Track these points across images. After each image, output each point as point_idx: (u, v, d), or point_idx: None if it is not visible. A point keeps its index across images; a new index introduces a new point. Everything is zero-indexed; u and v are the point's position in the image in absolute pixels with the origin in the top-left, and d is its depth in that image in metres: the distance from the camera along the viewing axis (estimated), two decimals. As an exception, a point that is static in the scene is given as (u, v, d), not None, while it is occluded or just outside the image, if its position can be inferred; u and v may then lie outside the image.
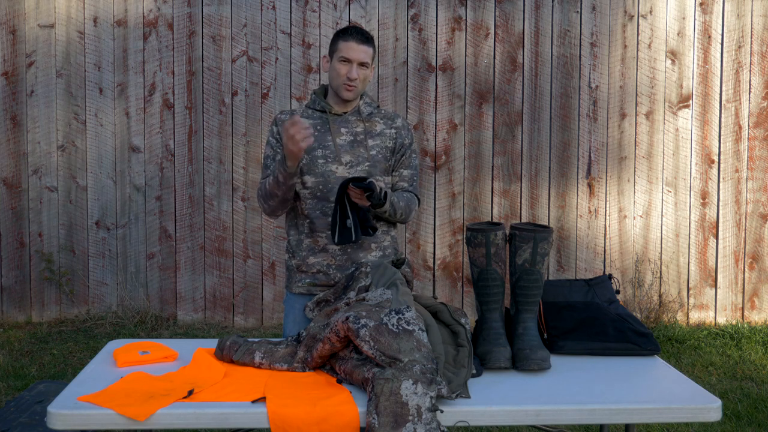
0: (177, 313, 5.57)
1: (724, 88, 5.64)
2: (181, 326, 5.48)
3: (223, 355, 2.38)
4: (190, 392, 2.08)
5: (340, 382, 2.19)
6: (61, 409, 2.00)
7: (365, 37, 2.70)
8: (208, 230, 5.55)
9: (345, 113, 2.76)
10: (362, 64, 2.69)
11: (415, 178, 2.84)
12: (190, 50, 5.51)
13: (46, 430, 2.67)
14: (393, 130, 2.79)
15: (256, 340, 2.43)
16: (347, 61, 2.68)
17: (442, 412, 1.99)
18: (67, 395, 2.09)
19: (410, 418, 1.92)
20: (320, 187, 2.71)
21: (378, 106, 2.83)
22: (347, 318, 2.15)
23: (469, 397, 2.09)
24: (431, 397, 1.96)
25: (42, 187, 5.53)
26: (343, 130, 2.74)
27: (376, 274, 2.50)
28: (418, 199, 2.87)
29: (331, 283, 2.74)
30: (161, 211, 5.57)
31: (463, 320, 2.36)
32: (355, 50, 2.67)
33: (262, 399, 2.04)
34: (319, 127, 2.74)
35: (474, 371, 2.27)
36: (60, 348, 5.00)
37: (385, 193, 2.58)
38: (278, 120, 2.79)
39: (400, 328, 2.12)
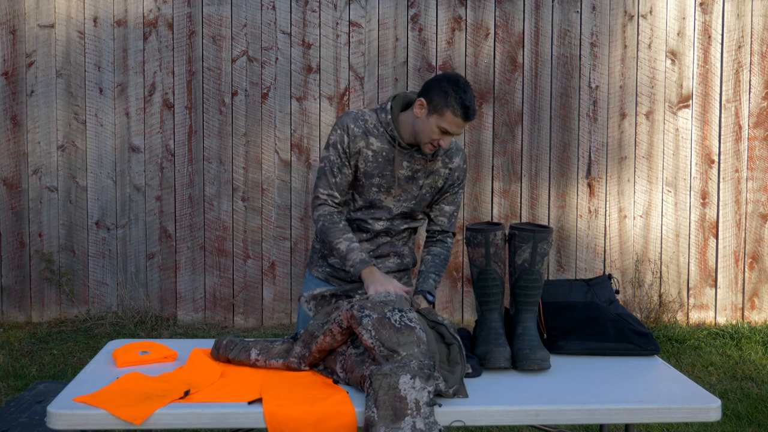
0: (177, 313, 5.57)
1: (724, 88, 5.64)
2: (181, 326, 5.48)
3: (219, 354, 2.38)
4: (187, 393, 2.08)
5: (336, 382, 2.19)
6: (60, 409, 2.00)
7: (473, 114, 2.53)
8: (208, 230, 5.56)
9: (412, 147, 2.66)
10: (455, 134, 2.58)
11: (455, 214, 2.80)
12: (190, 50, 5.51)
13: (46, 430, 2.67)
14: (447, 170, 2.71)
15: (253, 339, 2.44)
16: (445, 132, 2.54)
17: (440, 406, 1.99)
18: (67, 395, 2.09)
19: (409, 412, 1.93)
20: (365, 209, 2.70)
21: None
22: (352, 306, 2.18)
23: (467, 396, 2.10)
24: (429, 392, 1.97)
25: (42, 187, 5.53)
26: (405, 164, 2.66)
27: None
28: (453, 234, 2.84)
29: (348, 278, 2.75)
30: (161, 211, 5.57)
31: (439, 318, 2.36)
32: (458, 126, 2.53)
33: (259, 400, 2.04)
34: (384, 154, 2.64)
35: (470, 370, 2.27)
36: (60, 348, 5.00)
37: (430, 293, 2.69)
38: (350, 132, 2.62)
39: (402, 323, 2.13)
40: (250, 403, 2.03)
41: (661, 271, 5.64)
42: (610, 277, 2.76)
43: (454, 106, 2.49)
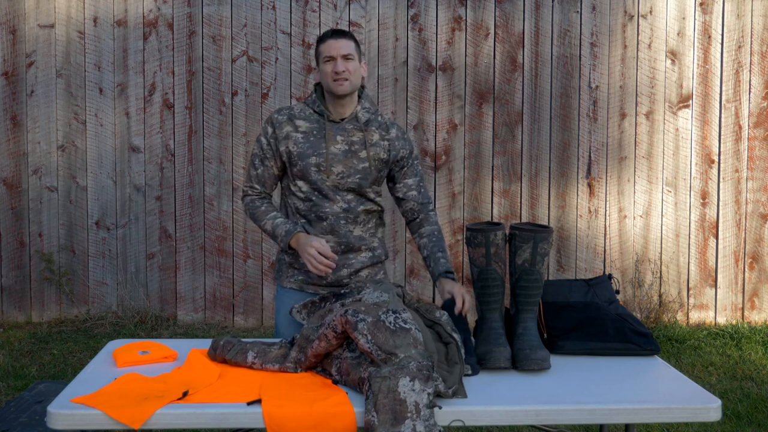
0: (177, 313, 5.57)
1: (724, 88, 5.64)
2: (181, 326, 5.48)
3: (216, 354, 2.37)
4: (185, 394, 2.07)
5: (336, 383, 2.18)
6: (60, 409, 2.00)
7: (341, 32, 2.71)
8: (208, 230, 5.56)
9: (342, 120, 2.72)
10: (346, 57, 2.66)
11: (421, 183, 2.85)
12: (190, 50, 5.51)
13: (46, 430, 2.67)
14: (386, 142, 2.75)
15: (250, 340, 2.43)
16: (330, 58, 2.66)
17: (440, 408, 1.99)
18: (67, 395, 2.09)
19: (409, 414, 1.93)
20: (315, 193, 2.70)
21: (376, 111, 2.79)
22: (346, 311, 2.16)
23: (465, 396, 2.09)
24: (429, 394, 1.97)
25: (42, 187, 5.53)
26: (338, 138, 2.69)
27: (372, 285, 2.52)
28: (431, 203, 2.90)
29: (323, 283, 2.74)
30: (161, 211, 5.57)
31: (437, 314, 2.35)
32: (334, 46, 2.66)
33: (258, 400, 2.04)
34: (315, 132, 2.70)
35: (469, 371, 2.27)
36: (60, 348, 5.00)
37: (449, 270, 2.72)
38: (275, 121, 2.73)
39: (397, 326, 2.13)
40: (249, 403, 2.03)
41: (661, 271, 5.64)
42: (610, 277, 2.75)
43: (319, 41, 2.72)
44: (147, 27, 5.49)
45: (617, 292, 2.73)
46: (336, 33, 2.70)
